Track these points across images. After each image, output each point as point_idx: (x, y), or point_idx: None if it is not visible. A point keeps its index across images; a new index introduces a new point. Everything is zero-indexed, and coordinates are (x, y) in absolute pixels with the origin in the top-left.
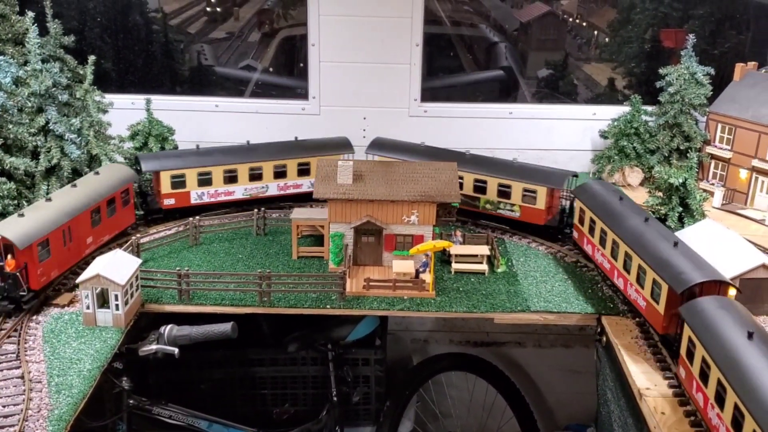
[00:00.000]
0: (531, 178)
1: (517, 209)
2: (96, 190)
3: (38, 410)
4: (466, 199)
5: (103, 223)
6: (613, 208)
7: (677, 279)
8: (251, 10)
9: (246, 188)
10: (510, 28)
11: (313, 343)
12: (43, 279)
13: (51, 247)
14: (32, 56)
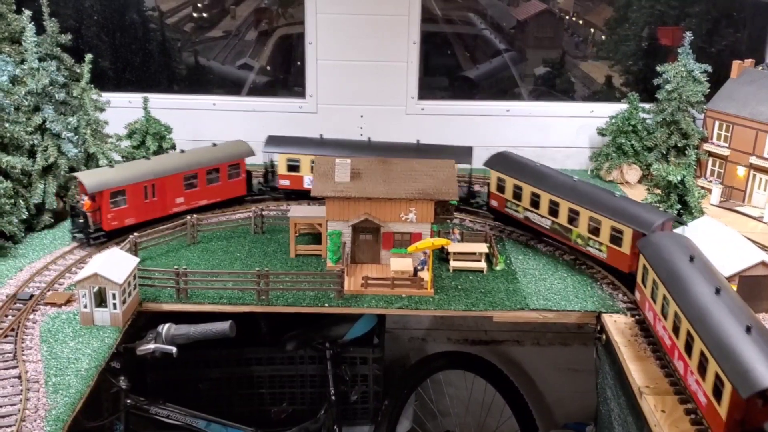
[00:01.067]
0: (620, 216)
1: (605, 249)
2: (198, 158)
3: (36, 410)
4: (560, 228)
5: (199, 189)
6: (679, 270)
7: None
8: (248, 8)
9: None
10: (507, 26)
11: (311, 341)
12: (114, 223)
13: (128, 197)
14: (29, 55)
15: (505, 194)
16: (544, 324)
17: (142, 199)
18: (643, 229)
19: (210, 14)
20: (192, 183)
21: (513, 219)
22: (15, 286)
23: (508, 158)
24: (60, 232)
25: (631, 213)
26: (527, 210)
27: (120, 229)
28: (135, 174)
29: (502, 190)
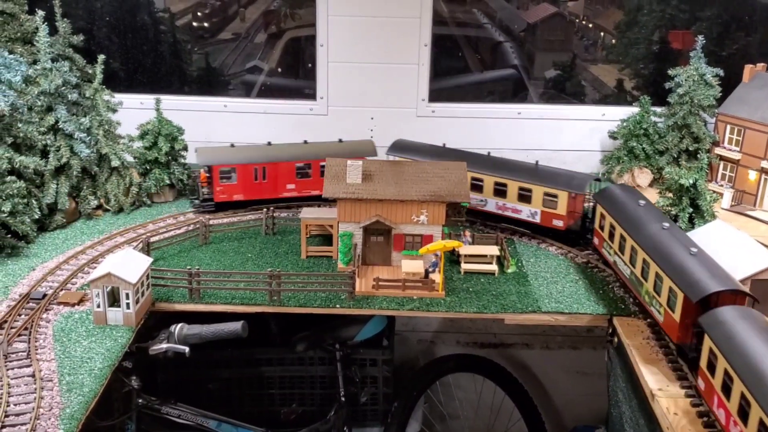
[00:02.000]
0: (679, 277)
1: (662, 312)
2: (315, 151)
3: (50, 409)
4: (636, 281)
5: (312, 180)
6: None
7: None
8: (257, 11)
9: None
10: (517, 29)
11: (321, 343)
12: (222, 196)
13: (238, 176)
14: (42, 55)
15: (604, 233)
16: (554, 327)
17: (252, 179)
18: (695, 295)
19: (219, 16)
20: (305, 173)
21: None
22: (28, 285)
23: (614, 193)
24: (72, 232)
25: (693, 277)
26: (616, 254)
27: (229, 203)
28: (247, 156)
29: (602, 228)
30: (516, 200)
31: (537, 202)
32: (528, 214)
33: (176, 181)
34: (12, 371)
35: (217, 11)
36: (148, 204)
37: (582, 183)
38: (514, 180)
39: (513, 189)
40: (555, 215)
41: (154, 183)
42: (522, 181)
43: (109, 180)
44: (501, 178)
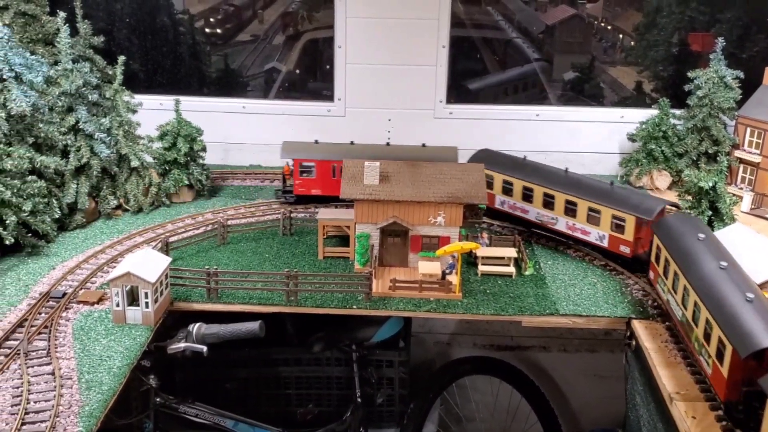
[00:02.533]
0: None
1: (711, 364)
2: (396, 153)
3: (69, 406)
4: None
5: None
6: None
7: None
8: (275, 12)
9: (538, 212)
10: (535, 31)
11: (338, 343)
12: (301, 189)
13: (316, 171)
14: (63, 56)
15: (659, 267)
16: (571, 330)
17: (330, 175)
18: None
19: (233, 22)
20: None
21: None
22: (48, 284)
23: (672, 223)
24: (92, 231)
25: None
26: (669, 292)
27: (307, 196)
28: (326, 153)
29: (658, 262)
30: (585, 221)
31: (605, 224)
32: (596, 237)
33: (195, 181)
34: (32, 369)
35: (230, 16)
36: (167, 204)
37: (652, 207)
38: (584, 199)
39: (583, 209)
40: (622, 240)
41: (173, 183)
42: (592, 200)
43: (129, 180)
44: (572, 196)
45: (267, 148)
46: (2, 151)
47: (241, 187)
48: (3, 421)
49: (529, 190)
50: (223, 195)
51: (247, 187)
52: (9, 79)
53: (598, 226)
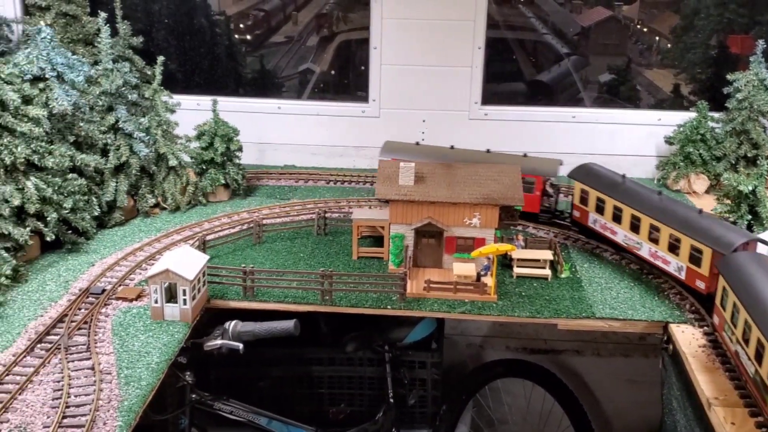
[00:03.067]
0: None
1: None
2: (493, 160)
3: (108, 401)
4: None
5: None
6: None
7: None
8: (309, 14)
9: (625, 235)
10: (570, 33)
11: (371, 343)
12: None
13: None
14: (104, 56)
15: (726, 313)
16: (605, 334)
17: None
18: None
19: (267, 24)
20: None
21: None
22: (87, 280)
23: (742, 262)
24: (130, 229)
25: None
26: (738, 343)
27: None
28: (421, 155)
29: (724, 306)
30: (666, 249)
31: (684, 255)
32: (675, 267)
33: (231, 181)
34: (72, 363)
35: (260, 22)
36: (203, 203)
37: (732, 240)
38: (667, 225)
39: (665, 235)
40: (698, 275)
41: (210, 183)
42: (674, 227)
43: (167, 179)
44: (656, 221)
45: (302, 148)
46: (44, 149)
47: (276, 187)
48: (45, 414)
49: (619, 210)
50: (258, 194)
51: (282, 187)
52: (51, 79)
53: (677, 256)
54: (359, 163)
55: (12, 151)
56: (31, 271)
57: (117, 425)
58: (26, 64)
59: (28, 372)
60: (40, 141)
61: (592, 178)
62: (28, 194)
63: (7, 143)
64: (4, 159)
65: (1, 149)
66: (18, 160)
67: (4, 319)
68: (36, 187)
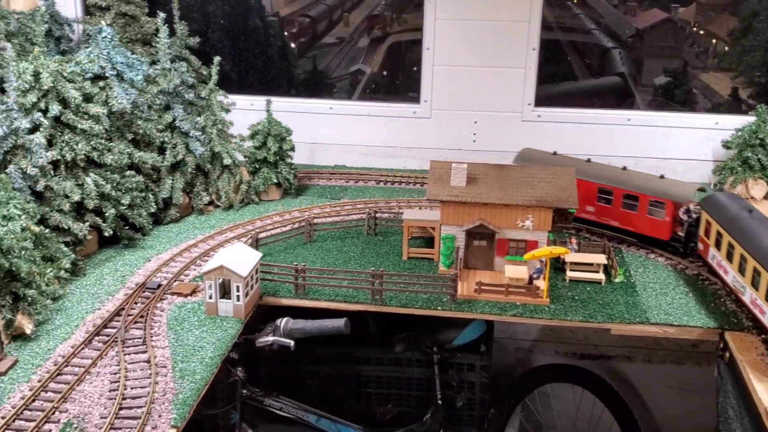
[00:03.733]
0: None
1: None
2: (620, 178)
3: (164, 394)
4: None
5: (612, 208)
6: None
7: None
8: (360, 15)
9: (734, 277)
10: (625, 35)
11: (420, 345)
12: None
13: None
14: (162, 55)
15: None
16: (657, 341)
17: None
18: None
19: (313, 30)
20: (606, 198)
21: None
22: (144, 275)
23: None
24: (185, 226)
25: None
26: None
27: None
28: (555, 163)
29: None
30: (764, 299)
31: None
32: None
33: (283, 180)
34: (129, 356)
35: (306, 29)
36: (255, 202)
37: None
38: None
39: (764, 282)
40: None
41: (263, 181)
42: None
43: (221, 177)
44: (759, 264)
45: (352, 149)
46: (103, 146)
47: (327, 186)
48: (102, 405)
49: (731, 247)
50: (309, 194)
51: (333, 187)
52: (111, 77)
53: None
54: (409, 164)
55: (73, 148)
56: (89, 266)
57: (172, 418)
58: (87, 62)
59: (86, 364)
60: (100, 138)
61: (716, 209)
62: (87, 190)
63: (68, 140)
64: (65, 155)
65: (63, 146)
66: (78, 157)
67: (63, 312)
68: (95, 183)
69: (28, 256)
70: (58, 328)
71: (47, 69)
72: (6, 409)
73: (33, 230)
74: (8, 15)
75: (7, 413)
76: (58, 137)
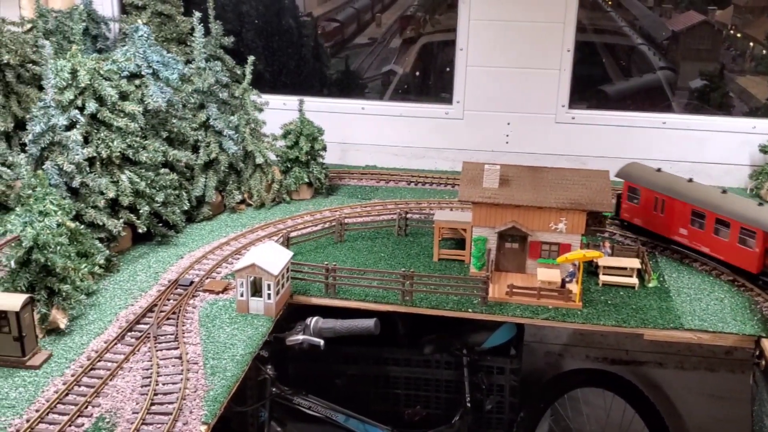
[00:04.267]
0: None
1: None
2: (715, 201)
3: (195, 390)
4: None
5: (704, 233)
6: None
7: None
8: (393, 16)
9: None
10: (660, 37)
11: (449, 347)
12: (626, 215)
13: (640, 199)
14: (197, 54)
15: None
16: (690, 347)
17: (651, 208)
18: None
19: (341, 35)
20: (699, 222)
21: None
22: (176, 272)
23: None
24: (217, 224)
25: None
26: None
27: (630, 224)
28: (653, 181)
29: None
30: None
31: None
32: None
33: (314, 179)
34: (161, 352)
35: (334, 32)
36: (287, 201)
37: None
38: None
39: None
40: None
41: (294, 181)
42: None
43: (253, 176)
44: None
45: (383, 149)
46: (138, 144)
47: (358, 186)
48: (134, 400)
49: None
50: (340, 194)
51: (363, 187)
52: (147, 76)
53: None
54: (441, 165)
55: (108, 145)
56: (123, 262)
57: (202, 414)
58: (124, 61)
59: (119, 359)
60: (135, 136)
61: None
62: (122, 187)
63: (104, 137)
64: (101, 152)
65: (98, 143)
66: (114, 154)
67: (97, 307)
68: (130, 180)
69: (64, 251)
70: (92, 323)
71: (84, 67)
72: (40, 403)
73: (68, 226)
74: (47, 13)
75: (41, 406)
76: (94, 134)
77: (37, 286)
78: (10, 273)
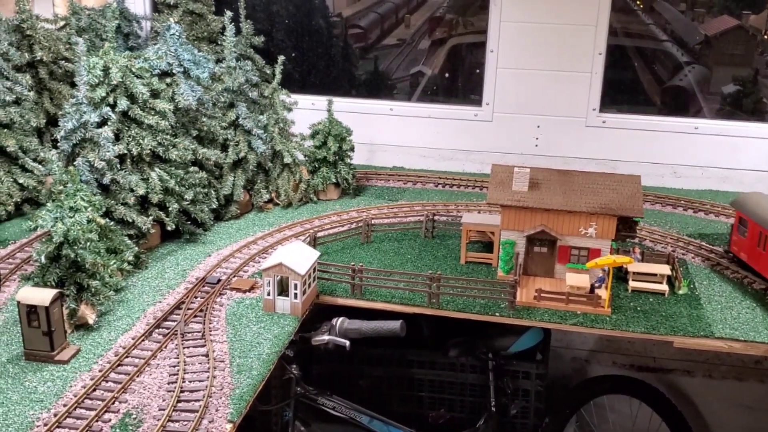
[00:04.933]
0: None
1: None
2: None
3: (221, 388)
4: None
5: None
6: None
7: None
8: (422, 17)
9: None
10: (692, 42)
11: (474, 350)
12: (734, 248)
13: (748, 233)
14: (227, 53)
15: None
16: (719, 356)
17: (755, 243)
18: None
19: (365, 41)
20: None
21: None
22: (204, 270)
23: None
24: (245, 223)
25: None
26: None
27: (739, 260)
28: (762, 215)
29: None
30: None
31: None
32: None
33: (341, 180)
34: (188, 350)
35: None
36: (314, 201)
37: None
38: None
39: None
40: None
41: (321, 181)
42: None
43: (281, 176)
44: None
45: (411, 151)
46: (169, 141)
47: (385, 187)
48: (160, 397)
49: None
50: (367, 194)
51: (390, 188)
52: (178, 74)
53: None
54: (469, 167)
55: (139, 143)
56: (151, 259)
57: (228, 413)
58: (155, 59)
59: (146, 355)
60: (166, 134)
61: None
62: (152, 184)
63: (134, 135)
64: (132, 150)
65: (129, 140)
66: (144, 152)
67: (125, 304)
68: (160, 178)
69: (93, 247)
70: (120, 319)
71: (116, 64)
72: (68, 397)
73: (98, 222)
74: (80, 11)
75: (69, 401)
76: (125, 132)
77: (66, 282)
78: (40, 268)
